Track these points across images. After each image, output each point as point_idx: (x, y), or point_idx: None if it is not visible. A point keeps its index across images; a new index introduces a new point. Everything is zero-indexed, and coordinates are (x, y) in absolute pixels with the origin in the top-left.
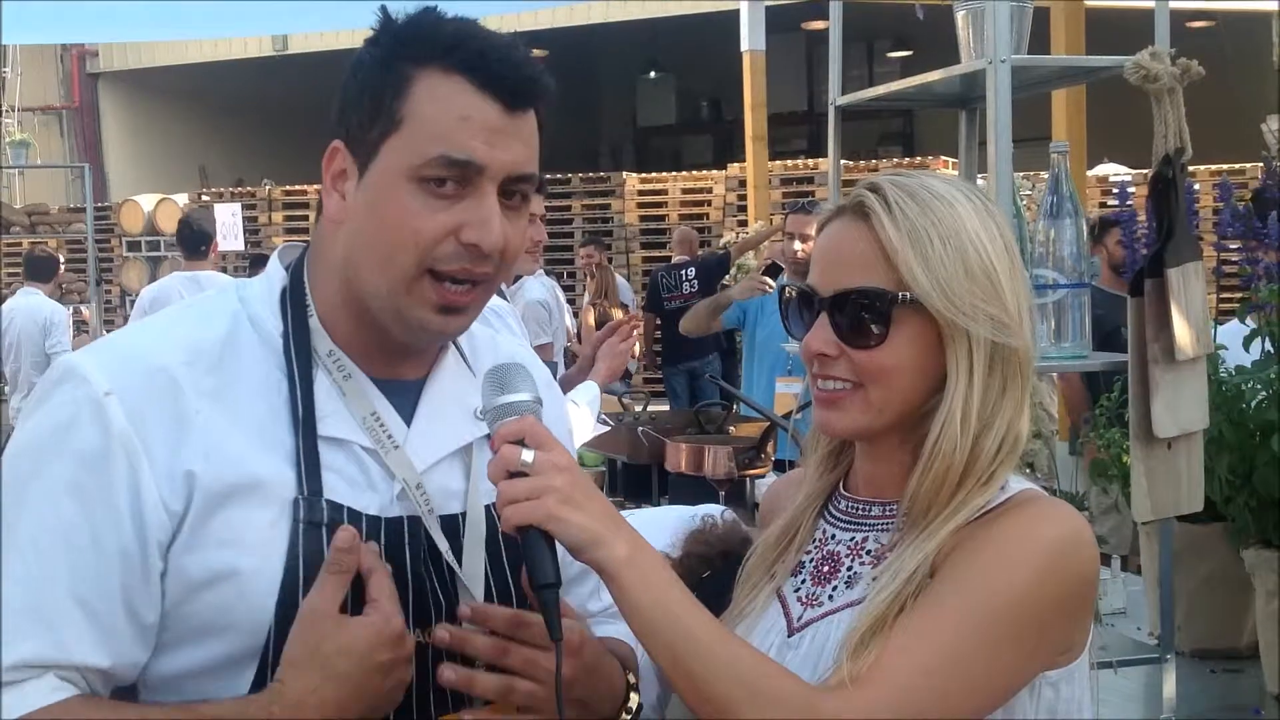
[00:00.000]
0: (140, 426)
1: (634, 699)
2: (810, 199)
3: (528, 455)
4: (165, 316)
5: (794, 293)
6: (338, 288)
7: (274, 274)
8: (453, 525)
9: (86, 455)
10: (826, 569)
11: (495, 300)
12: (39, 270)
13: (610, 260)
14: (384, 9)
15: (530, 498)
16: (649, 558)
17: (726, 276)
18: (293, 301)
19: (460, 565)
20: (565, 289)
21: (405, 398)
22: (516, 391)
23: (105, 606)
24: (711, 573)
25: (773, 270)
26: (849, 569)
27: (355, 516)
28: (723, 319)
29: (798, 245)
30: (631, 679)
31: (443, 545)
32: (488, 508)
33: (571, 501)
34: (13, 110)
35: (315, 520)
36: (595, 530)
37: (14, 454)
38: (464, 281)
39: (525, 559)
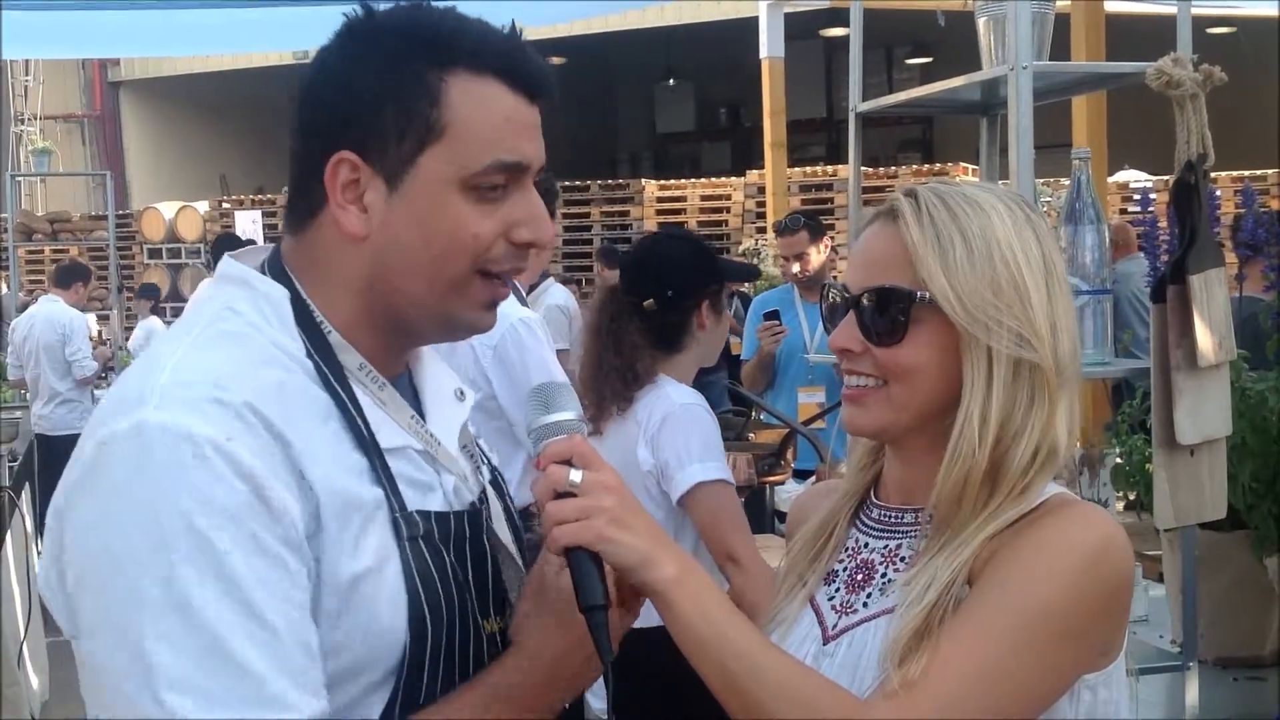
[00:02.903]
0: (265, 462)
1: None
2: (790, 214)
3: (575, 475)
4: (194, 349)
5: (832, 293)
6: (359, 304)
7: (273, 293)
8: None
9: (246, 507)
10: (861, 576)
11: (524, 311)
12: (60, 277)
13: None
14: (366, 8)
15: (579, 518)
16: (698, 577)
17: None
18: (302, 321)
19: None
20: (584, 296)
21: (403, 393)
22: (562, 410)
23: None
24: None
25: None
26: (883, 576)
27: (442, 519)
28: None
29: (795, 267)
30: None
31: (500, 529)
32: (490, 485)
33: (621, 522)
34: (34, 118)
35: (414, 534)
36: (645, 550)
37: (150, 529)
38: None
39: (574, 580)
